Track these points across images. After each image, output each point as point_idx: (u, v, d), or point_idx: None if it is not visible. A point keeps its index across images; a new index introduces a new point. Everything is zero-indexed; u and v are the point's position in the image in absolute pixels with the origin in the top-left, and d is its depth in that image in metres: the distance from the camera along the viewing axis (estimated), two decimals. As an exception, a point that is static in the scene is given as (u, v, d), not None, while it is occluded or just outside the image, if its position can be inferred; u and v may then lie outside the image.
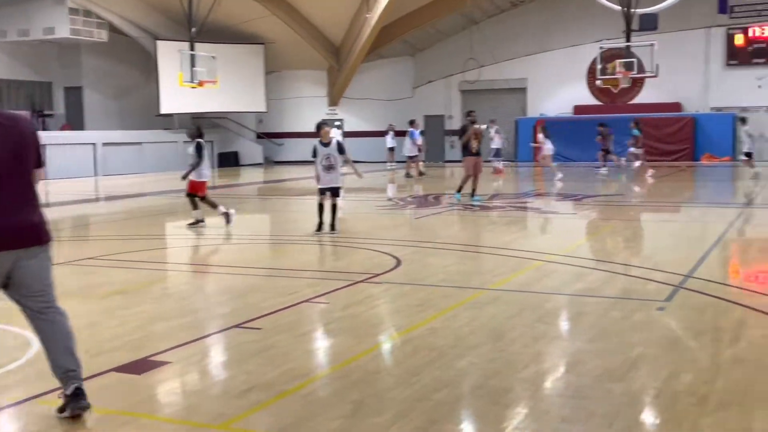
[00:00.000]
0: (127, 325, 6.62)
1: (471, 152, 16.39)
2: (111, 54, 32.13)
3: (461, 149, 16.79)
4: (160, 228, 14.79)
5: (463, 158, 16.71)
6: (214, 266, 9.46)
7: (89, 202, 20.46)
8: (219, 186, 25.06)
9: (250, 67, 33.00)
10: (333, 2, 30.84)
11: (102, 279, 8.80)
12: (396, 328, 6.36)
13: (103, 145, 29.01)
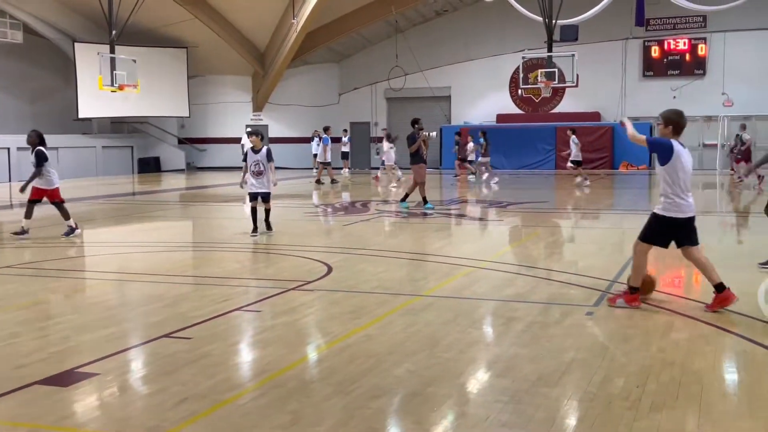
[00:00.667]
0: (50, 337, 6.38)
1: (422, 159, 16.38)
2: (26, 56, 31.07)
3: (411, 156, 16.63)
4: (81, 235, 14.32)
5: (413, 165, 16.51)
6: (139, 274, 9.20)
7: (5, 209, 19.68)
8: (139, 192, 24.51)
9: (172, 71, 32.40)
10: (258, 7, 30.57)
11: (20, 289, 8.46)
12: (331, 336, 6.30)
13: (18, 150, 27.96)
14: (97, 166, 31.22)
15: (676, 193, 6.74)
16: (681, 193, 6.75)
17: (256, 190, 12.48)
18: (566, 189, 22.76)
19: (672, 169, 6.71)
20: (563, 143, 31.59)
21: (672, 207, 6.78)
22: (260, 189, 12.46)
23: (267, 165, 12.42)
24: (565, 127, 29.39)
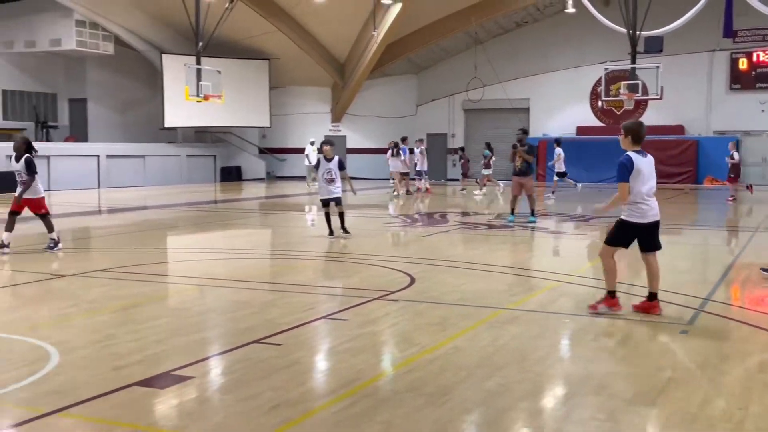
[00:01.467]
0: (145, 339, 6.55)
1: (516, 172, 15.97)
2: (116, 67, 32.21)
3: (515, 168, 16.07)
4: (165, 241, 14.73)
5: (523, 177, 15.98)
6: (225, 280, 9.38)
7: (94, 215, 20.37)
8: (221, 200, 25.04)
9: (254, 83, 33.04)
10: (339, 19, 30.94)
11: (115, 292, 8.73)
12: (419, 346, 6.28)
13: (107, 158, 28.99)
14: (182, 174, 32.05)
15: (640, 199, 7.11)
16: (643, 200, 7.11)
17: (328, 196, 13.25)
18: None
19: (635, 180, 7.07)
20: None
21: (636, 213, 7.15)
22: (332, 195, 13.23)
23: (338, 173, 13.21)
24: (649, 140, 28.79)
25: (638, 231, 7.21)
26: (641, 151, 7.21)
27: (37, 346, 6.25)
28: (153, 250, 12.84)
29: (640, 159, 7.12)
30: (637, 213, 7.15)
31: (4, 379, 5.38)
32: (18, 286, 9.01)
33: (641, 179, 7.08)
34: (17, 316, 7.46)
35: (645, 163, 7.15)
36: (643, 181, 7.09)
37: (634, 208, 7.15)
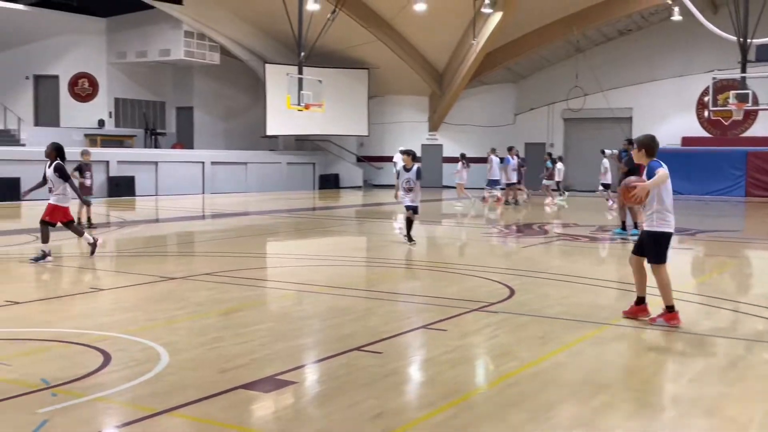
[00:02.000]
0: (250, 343, 6.70)
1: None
2: (221, 76, 33.24)
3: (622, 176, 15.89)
4: (266, 247, 15.05)
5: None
6: (326, 287, 9.51)
7: (199, 219, 21.01)
8: (319, 207, 25.41)
9: (354, 92, 33.46)
10: (439, 29, 31.00)
11: (220, 295, 8.97)
12: (520, 360, 6.20)
13: (212, 164, 29.89)
14: (282, 181, 32.73)
15: (668, 209, 7.31)
16: (669, 210, 7.33)
17: (408, 203, 13.65)
18: (758, 217, 21.30)
19: (665, 188, 7.26)
20: (755, 169, 29.71)
21: (666, 223, 7.32)
22: (411, 203, 13.61)
23: (416, 182, 13.50)
24: (759, 152, 27.66)
25: (669, 239, 7.38)
26: (658, 161, 7.32)
27: (148, 347, 6.49)
28: (254, 255, 13.15)
29: (666, 169, 7.21)
30: (665, 222, 7.32)
31: (117, 378, 5.60)
32: (130, 288, 9.37)
33: (667, 188, 7.28)
34: (129, 316, 7.76)
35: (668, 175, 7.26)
36: (668, 191, 7.31)
37: (662, 219, 7.30)
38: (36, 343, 6.65)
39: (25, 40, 29.66)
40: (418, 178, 13.53)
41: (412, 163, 13.64)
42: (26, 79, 30.48)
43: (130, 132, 31.49)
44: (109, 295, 8.93)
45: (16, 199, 22.92)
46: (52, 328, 7.16)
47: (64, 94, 30.68)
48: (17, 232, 15.42)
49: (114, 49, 31.06)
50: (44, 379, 5.53)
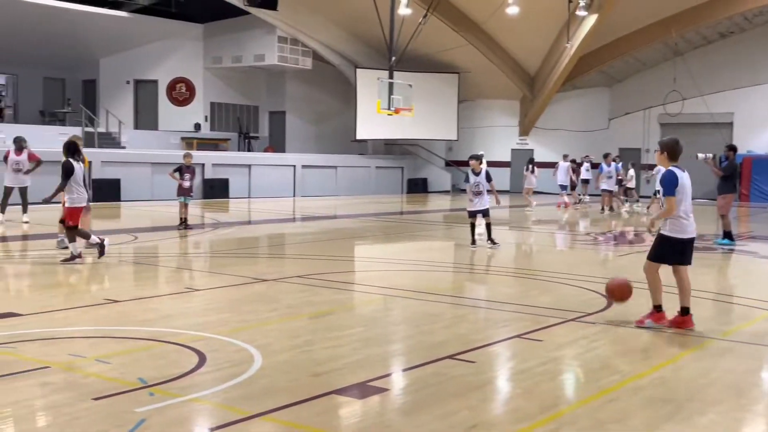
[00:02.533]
0: (342, 347, 6.66)
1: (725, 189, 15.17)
2: (313, 81, 33.64)
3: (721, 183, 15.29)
4: (355, 250, 15.06)
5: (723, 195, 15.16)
6: (415, 292, 9.41)
7: (290, 222, 21.26)
8: (407, 212, 25.35)
9: (443, 96, 33.31)
10: (532, 32, 30.54)
11: (311, 298, 9.00)
12: (620, 374, 5.95)
13: (302, 168, 30.26)
14: (371, 184, 32.87)
15: (680, 215, 7.30)
16: (684, 216, 7.31)
17: (475, 208, 13.96)
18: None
19: (679, 194, 7.26)
20: None
21: (677, 228, 7.33)
22: (479, 207, 13.91)
23: (485, 185, 13.82)
24: None
25: (680, 246, 7.39)
26: (679, 167, 7.40)
27: (242, 348, 6.53)
28: (344, 258, 13.18)
29: (682, 174, 7.33)
30: (678, 228, 7.34)
31: (211, 379, 5.64)
32: (223, 289, 9.50)
33: (683, 194, 7.30)
34: (223, 317, 7.85)
35: (685, 179, 7.36)
36: (684, 197, 7.31)
37: (675, 224, 7.34)
38: (134, 341, 6.78)
39: (126, 46, 30.73)
40: (488, 180, 13.84)
41: (480, 167, 13.94)
42: (127, 83, 31.58)
43: (224, 135, 32.22)
44: (204, 295, 9.07)
45: (118, 199, 23.76)
46: (149, 327, 7.31)
47: (163, 99, 31.64)
48: (117, 231, 15.92)
49: (210, 55, 31.85)
50: (142, 378, 5.62)
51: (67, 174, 11.15)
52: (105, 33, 29.30)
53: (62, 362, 6.00)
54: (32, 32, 27.47)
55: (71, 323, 7.43)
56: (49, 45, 28.97)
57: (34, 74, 31.27)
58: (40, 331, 7.01)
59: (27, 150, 16.74)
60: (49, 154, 22.62)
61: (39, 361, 6.02)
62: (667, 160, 7.41)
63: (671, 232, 7.37)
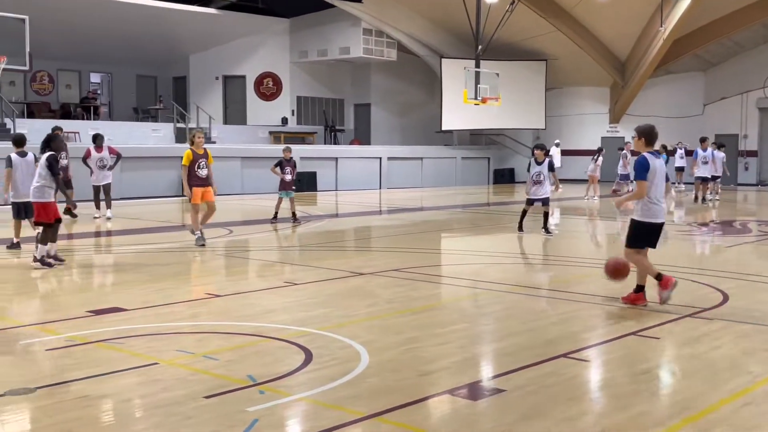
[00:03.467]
0: (448, 345, 6.46)
1: None
2: (397, 72, 33.50)
3: None
4: (447, 242, 14.84)
5: None
6: (515, 286, 9.12)
7: (378, 214, 21.18)
8: (494, 203, 24.94)
9: (530, 84, 32.67)
10: (622, 16, 29.60)
11: (410, 292, 8.82)
12: (751, 375, 5.56)
13: (388, 160, 30.18)
14: (456, 175, 32.54)
15: (652, 200, 7.62)
16: (655, 201, 7.64)
17: (534, 196, 14.39)
18: None
19: (650, 180, 7.56)
20: None
21: (648, 213, 7.65)
22: (539, 195, 14.32)
23: (547, 174, 14.20)
24: None
25: (651, 230, 7.70)
26: (655, 152, 7.74)
27: (347, 345, 6.40)
28: (436, 251, 12.97)
29: (654, 159, 7.64)
30: (648, 213, 7.66)
31: (319, 378, 5.52)
32: (322, 283, 9.43)
33: (655, 180, 7.59)
34: (324, 312, 7.75)
35: (658, 164, 7.67)
36: (656, 184, 7.61)
37: (645, 209, 7.65)
38: (240, 337, 6.74)
39: (215, 42, 31.24)
40: (551, 170, 14.32)
41: (544, 157, 14.33)
42: (216, 79, 32.11)
43: (310, 129, 32.42)
44: (303, 289, 9.01)
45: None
46: (253, 322, 7.26)
47: (251, 94, 32.05)
48: (212, 225, 16.12)
49: (296, 49, 32.07)
50: (251, 375, 5.55)
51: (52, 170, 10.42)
52: (195, 30, 29.85)
53: (170, 358, 5.99)
54: (126, 32, 28.21)
55: (176, 318, 7.45)
56: (141, 44, 29.72)
57: (127, 72, 32.18)
58: (146, 327, 7.05)
59: (107, 145, 17.11)
60: (141, 150, 23.28)
61: (147, 357, 6.03)
62: (645, 145, 7.70)
63: (643, 217, 7.68)
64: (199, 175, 12.24)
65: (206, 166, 12.33)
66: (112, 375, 5.57)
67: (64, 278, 10.05)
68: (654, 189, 7.59)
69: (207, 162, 12.35)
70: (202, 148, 12.35)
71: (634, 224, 7.79)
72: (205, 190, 12.36)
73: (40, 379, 5.46)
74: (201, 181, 12.29)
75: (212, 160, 12.53)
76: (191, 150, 12.24)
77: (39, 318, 7.42)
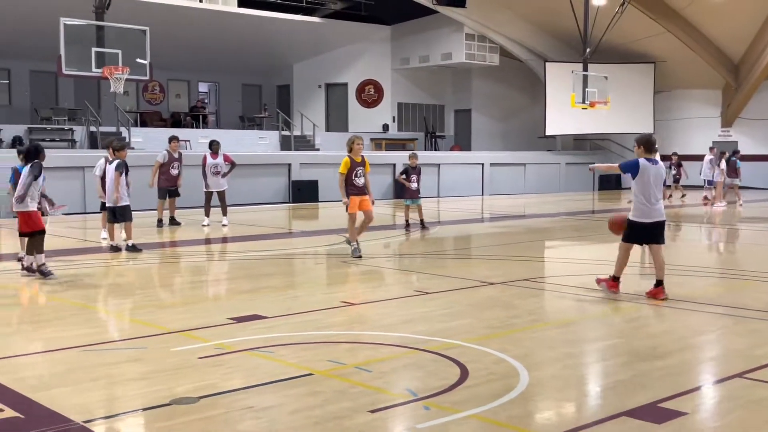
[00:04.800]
0: (604, 362, 6.17)
1: None
2: (499, 77, 33.12)
3: None
4: (564, 251, 14.39)
5: None
6: (654, 298, 8.69)
7: (489, 221, 20.88)
8: (599, 210, 24.23)
9: (638, 87, 31.71)
10: (736, 17, 28.38)
11: (549, 303, 8.56)
12: None
13: (491, 166, 29.82)
14: (560, 182, 31.88)
15: (644, 201, 8.41)
16: (647, 202, 8.40)
17: None
18: None
19: (641, 182, 8.39)
20: None
21: (638, 214, 8.46)
22: None
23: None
24: None
25: (644, 228, 8.48)
26: (652, 159, 8.50)
27: (500, 359, 6.18)
28: (558, 260, 12.59)
29: (648, 164, 8.42)
30: (638, 214, 8.47)
31: (483, 394, 5.32)
32: (453, 292, 9.23)
33: (643, 183, 8.37)
34: (465, 323, 7.54)
35: (652, 170, 8.40)
36: (645, 186, 8.37)
37: (636, 210, 8.49)
38: (387, 348, 6.61)
39: (318, 51, 31.59)
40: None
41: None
42: (318, 87, 32.45)
43: (411, 135, 32.37)
44: (437, 299, 8.82)
45: (316, 200, 24.38)
46: (394, 332, 7.13)
47: (352, 101, 32.24)
48: (328, 232, 16.19)
49: (398, 56, 32.09)
50: (410, 389, 5.39)
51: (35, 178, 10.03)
52: (299, 39, 30.25)
53: (324, 369, 5.90)
54: (233, 42, 28.82)
55: (317, 327, 7.39)
56: (247, 53, 30.32)
57: (233, 81, 32.89)
58: (291, 335, 7.01)
59: (222, 153, 17.22)
60: (248, 158, 23.62)
61: (301, 367, 5.96)
62: (644, 152, 8.52)
63: (634, 218, 8.52)
64: (356, 183, 11.87)
65: (363, 175, 11.98)
66: (271, 385, 5.51)
67: (200, 284, 10.18)
68: (647, 191, 8.36)
69: (364, 170, 12.00)
70: (360, 156, 11.96)
71: (628, 223, 8.64)
72: (362, 199, 12.01)
73: (200, 388, 5.44)
74: (358, 190, 11.92)
75: (369, 168, 12.19)
76: (349, 157, 11.83)
77: (184, 325, 7.48)
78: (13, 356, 6.34)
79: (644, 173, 8.34)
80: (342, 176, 11.89)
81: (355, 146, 11.91)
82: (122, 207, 12.52)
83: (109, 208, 12.74)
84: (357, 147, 11.91)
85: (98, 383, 5.62)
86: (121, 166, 12.42)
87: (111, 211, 12.66)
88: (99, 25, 16.57)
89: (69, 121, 24.98)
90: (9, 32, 24.45)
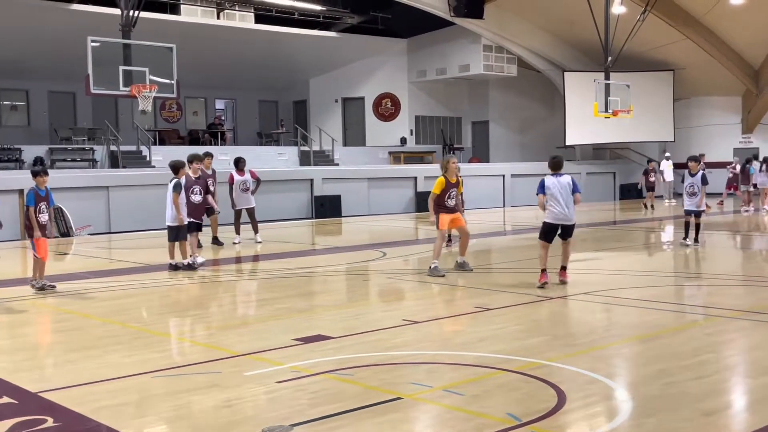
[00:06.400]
0: (708, 379, 5.86)
1: None
2: (517, 88, 32.86)
3: None
4: (612, 262, 14.04)
5: None
6: (729, 310, 8.39)
7: (497, 235, 20.59)
8: (620, 221, 23.89)
9: (657, 95, 31.43)
10: (757, 22, 28.12)
11: (623, 318, 8.25)
12: None
13: (512, 177, 29.55)
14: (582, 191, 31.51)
15: (551, 206, 10.17)
16: (553, 207, 10.16)
17: (688, 207, 14.43)
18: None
19: (548, 194, 10.17)
20: None
21: (549, 215, 10.25)
22: (692, 207, 14.36)
23: (699, 187, 14.14)
24: None
25: (552, 228, 10.30)
26: (556, 174, 10.23)
27: (593, 380, 5.89)
28: (608, 272, 12.27)
29: (551, 179, 10.19)
30: (548, 216, 10.26)
31: (590, 416, 5.07)
32: (514, 308, 8.93)
33: (550, 194, 10.13)
34: (539, 341, 7.24)
35: (555, 183, 10.15)
36: (551, 196, 10.14)
37: (547, 213, 10.26)
38: (468, 369, 6.32)
39: (335, 65, 31.39)
40: (704, 184, 14.12)
41: (698, 168, 14.26)
42: (335, 102, 32.25)
43: (429, 148, 32.11)
44: (502, 314, 8.53)
45: (339, 215, 24.12)
46: (471, 351, 6.84)
47: (369, 115, 32.01)
48: (363, 247, 15.92)
49: (414, 68, 31.88)
50: (511, 413, 5.11)
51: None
52: (315, 54, 30.06)
53: (411, 393, 5.62)
54: (249, 58, 28.64)
55: (387, 347, 7.10)
56: (264, 69, 30.14)
57: (250, 98, 32.71)
58: (364, 356, 6.73)
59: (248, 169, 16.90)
60: (271, 174, 23.34)
61: (386, 391, 5.68)
62: (551, 170, 10.28)
63: (545, 218, 10.29)
64: (447, 204, 11.52)
65: (455, 197, 11.60)
66: (363, 411, 5.23)
67: (252, 304, 9.91)
68: (551, 199, 10.09)
69: (457, 191, 11.63)
70: (455, 176, 11.56)
71: (543, 223, 10.35)
72: (454, 217, 11.64)
73: (290, 415, 5.17)
74: (448, 210, 11.54)
75: (462, 188, 11.85)
76: (444, 177, 11.41)
77: (250, 347, 7.19)
78: (84, 384, 6.07)
79: (547, 188, 10.13)
80: (434, 196, 11.48)
81: (451, 165, 11.46)
82: (181, 226, 12.32)
83: (170, 228, 12.43)
84: (452, 166, 11.47)
85: (181, 412, 5.34)
86: (178, 186, 12.24)
87: (173, 230, 12.36)
88: (126, 44, 16.34)
89: (88, 140, 24.76)
90: (27, 53, 24.27)
